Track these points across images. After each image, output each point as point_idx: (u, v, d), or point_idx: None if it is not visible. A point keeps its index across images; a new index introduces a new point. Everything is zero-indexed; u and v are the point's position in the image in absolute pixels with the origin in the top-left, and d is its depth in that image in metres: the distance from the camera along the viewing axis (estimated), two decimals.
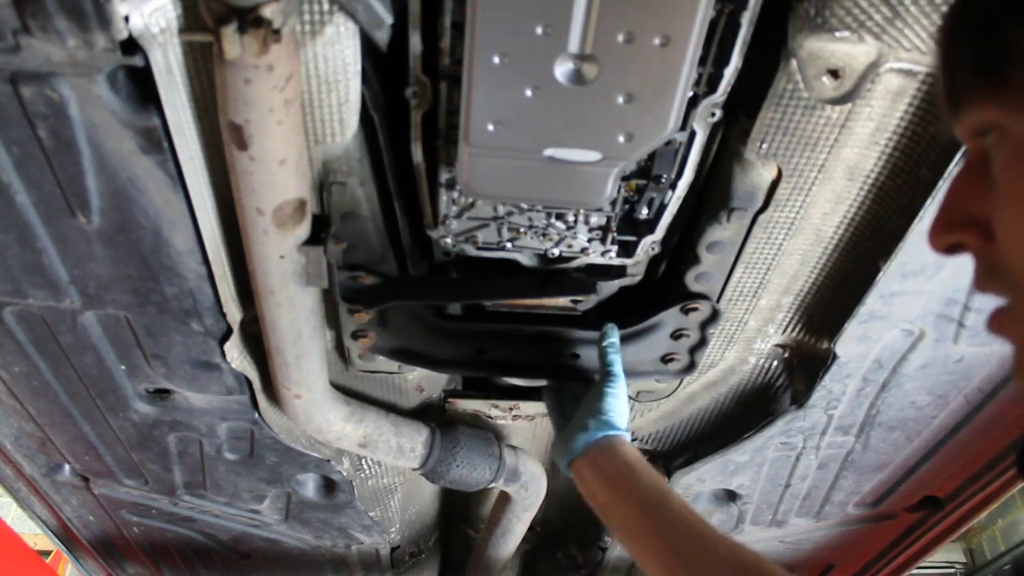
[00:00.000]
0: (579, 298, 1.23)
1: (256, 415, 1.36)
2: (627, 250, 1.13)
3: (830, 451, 1.60)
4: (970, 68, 0.54)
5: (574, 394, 1.31)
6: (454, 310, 1.32)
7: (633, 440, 1.63)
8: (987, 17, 0.53)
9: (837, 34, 0.83)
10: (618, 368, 1.21)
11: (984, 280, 0.57)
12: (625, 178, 1.03)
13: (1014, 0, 0.51)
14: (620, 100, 0.81)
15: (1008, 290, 0.55)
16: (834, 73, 0.88)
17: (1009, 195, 0.52)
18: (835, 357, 1.30)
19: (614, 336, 1.23)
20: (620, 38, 0.76)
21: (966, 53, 0.55)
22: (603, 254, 1.13)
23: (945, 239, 0.58)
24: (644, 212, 1.08)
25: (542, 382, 1.45)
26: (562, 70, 0.78)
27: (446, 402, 1.58)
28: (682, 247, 1.19)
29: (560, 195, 0.94)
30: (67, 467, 1.65)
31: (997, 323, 0.57)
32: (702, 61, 0.87)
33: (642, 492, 1.07)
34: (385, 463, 1.66)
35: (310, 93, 0.88)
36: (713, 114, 0.93)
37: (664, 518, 1.03)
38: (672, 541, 1.00)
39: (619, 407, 1.18)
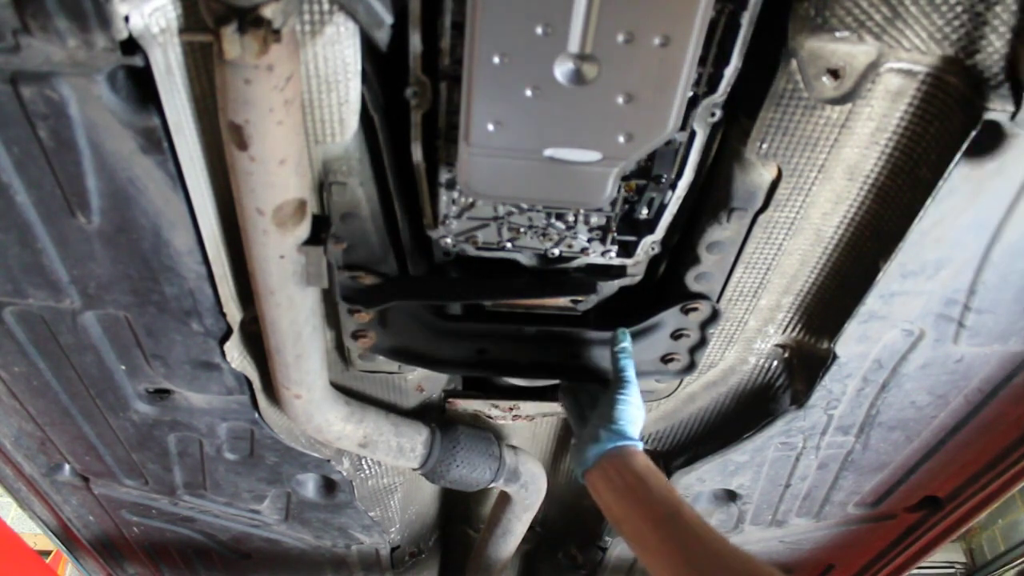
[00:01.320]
0: (579, 298, 1.23)
1: (256, 415, 1.36)
2: (627, 250, 1.13)
3: (830, 451, 1.60)
4: None
5: (590, 394, 1.30)
6: (454, 310, 1.32)
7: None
8: None
9: (837, 34, 0.83)
10: (631, 373, 1.20)
11: None
12: (625, 178, 1.03)
13: None
14: (620, 100, 0.81)
15: None
16: (834, 73, 0.88)
17: None
18: (835, 357, 1.30)
19: (626, 341, 1.22)
20: (620, 38, 0.76)
21: None
22: (603, 254, 1.13)
23: None
24: (644, 212, 1.08)
25: (542, 382, 1.45)
26: (562, 70, 0.78)
27: (446, 402, 1.58)
28: (682, 247, 1.19)
29: (560, 195, 0.94)
30: (67, 467, 1.65)
31: None
32: (702, 61, 0.87)
33: (654, 505, 1.07)
34: (385, 463, 1.66)
35: (310, 93, 0.88)
36: (713, 114, 0.93)
37: (677, 530, 1.03)
38: (685, 554, 1.00)
39: (631, 414, 1.18)
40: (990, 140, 0.92)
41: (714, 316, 1.24)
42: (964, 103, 0.88)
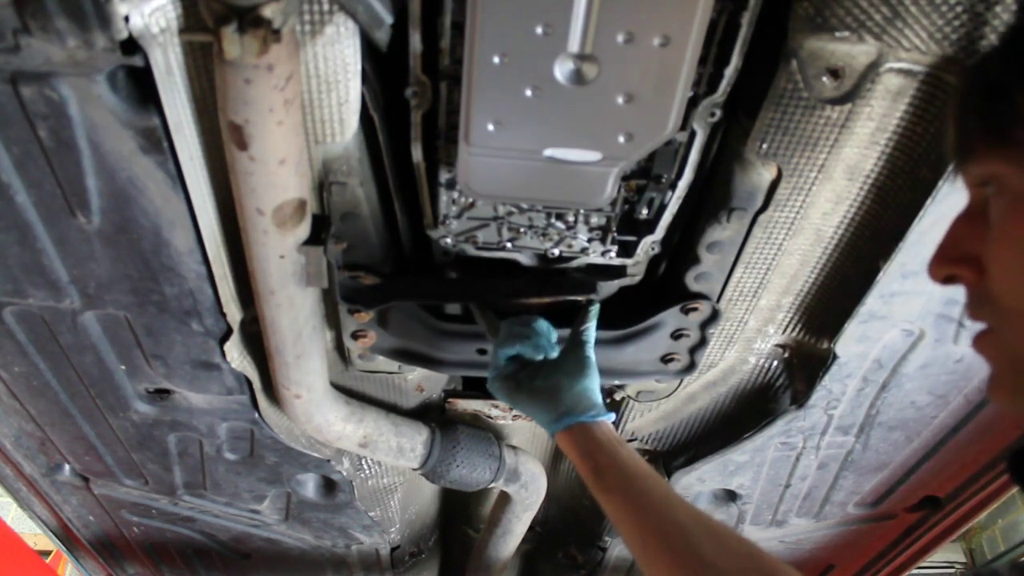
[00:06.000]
0: (579, 298, 1.23)
1: (256, 415, 1.36)
2: (627, 250, 1.13)
3: (830, 451, 1.60)
4: (979, 126, 0.61)
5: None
6: (454, 310, 1.32)
7: (632, 440, 1.63)
8: (998, 82, 0.60)
9: (837, 34, 0.83)
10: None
11: (974, 308, 0.67)
12: (625, 178, 1.03)
13: (1022, 69, 0.58)
14: (620, 100, 0.81)
15: (993, 317, 0.65)
16: (834, 73, 0.88)
17: (1002, 238, 0.60)
18: (835, 357, 1.30)
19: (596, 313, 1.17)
20: (620, 38, 0.76)
21: (977, 112, 0.61)
22: (603, 254, 1.13)
23: (944, 271, 0.69)
24: (644, 212, 1.08)
25: None
26: (562, 70, 0.78)
27: (446, 402, 1.58)
28: (682, 247, 1.19)
29: (560, 195, 0.94)
30: (67, 467, 1.65)
31: (980, 344, 0.67)
32: (702, 61, 0.87)
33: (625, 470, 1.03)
34: (385, 463, 1.66)
35: (310, 93, 0.88)
36: (713, 114, 0.93)
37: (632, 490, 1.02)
38: (636, 512, 0.99)
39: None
40: None
41: (714, 316, 1.24)
42: None
